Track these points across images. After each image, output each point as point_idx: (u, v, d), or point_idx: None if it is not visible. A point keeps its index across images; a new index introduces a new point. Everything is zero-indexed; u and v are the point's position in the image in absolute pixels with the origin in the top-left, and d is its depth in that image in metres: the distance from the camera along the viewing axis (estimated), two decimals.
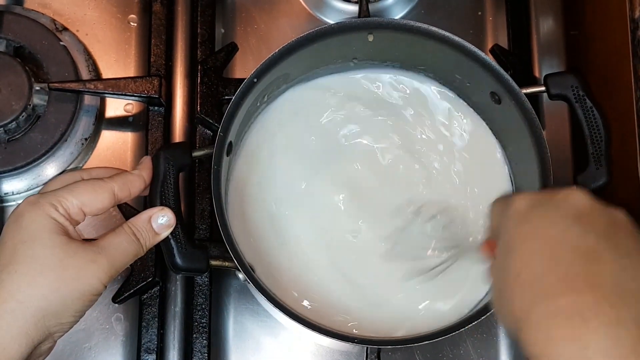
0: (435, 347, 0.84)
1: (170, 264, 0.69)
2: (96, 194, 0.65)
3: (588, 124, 0.74)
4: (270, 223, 0.79)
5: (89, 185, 0.65)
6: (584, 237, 0.52)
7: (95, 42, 0.91)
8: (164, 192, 0.69)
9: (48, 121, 0.84)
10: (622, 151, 0.78)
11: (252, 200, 0.79)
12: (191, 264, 0.69)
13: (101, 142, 0.88)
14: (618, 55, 0.78)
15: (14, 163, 0.83)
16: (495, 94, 0.77)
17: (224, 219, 0.71)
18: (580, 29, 0.91)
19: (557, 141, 0.89)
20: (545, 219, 0.54)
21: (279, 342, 0.85)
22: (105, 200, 0.65)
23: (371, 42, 0.78)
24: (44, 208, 0.62)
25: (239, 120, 0.75)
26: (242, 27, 0.93)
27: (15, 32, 0.86)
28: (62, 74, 0.85)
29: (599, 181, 0.74)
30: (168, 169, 0.69)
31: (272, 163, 0.81)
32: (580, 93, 0.75)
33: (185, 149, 0.72)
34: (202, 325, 0.82)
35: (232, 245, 0.70)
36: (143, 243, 0.66)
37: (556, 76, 0.76)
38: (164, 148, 0.70)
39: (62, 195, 0.63)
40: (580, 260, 0.51)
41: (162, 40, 0.88)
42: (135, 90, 0.83)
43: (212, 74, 0.85)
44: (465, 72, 0.78)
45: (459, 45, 0.76)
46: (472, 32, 0.94)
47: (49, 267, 0.60)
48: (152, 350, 0.80)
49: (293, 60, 0.76)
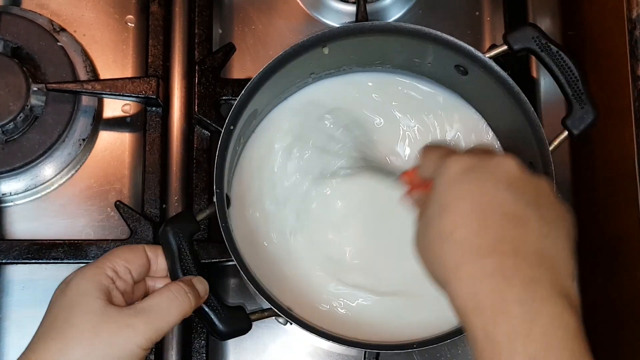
0: (435, 349, 0.84)
1: (213, 332, 0.68)
2: (133, 252, 0.66)
3: (560, 69, 0.74)
4: (283, 255, 0.79)
5: (125, 246, 0.67)
6: (514, 204, 0.56)
7: (92, 43, 0.91)
8: (183, 265, 0.67)
9: (46, 122, 0.84)
10: (619, 150, 0.79)
11: (260, 246, 0.79)
12: (235, 327, 0.68)
13: (99, 143, 0.88)
14: (615, 55, 0.79)
15: (12, 164, 0.83)
16: (460, 66, 0.77)
17: (248, 273, 0.70)
18: (578, 30, 0.91)
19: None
20: (479, 183, 0.57)
21: (277, 343, 0.85)
22: (142, 256, 0.66)
23: (327, 54, 0.77)
24: (90, 272, 0.62)
25: (226, 171, 0.74)
26: (240, 27, 0.93)
27: (13, 32, 0.85)
28: (60, 74, 0.85)
29: (587, 120, 0.73)
30: (179, 242, 0.67)
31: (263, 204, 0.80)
32: (543, 41, 0.74)
33: (189, 217, 0.70)
34: (200, 325, 0.81)
35: (268, 297, 0.69)
36: (192, 298, 0.64)
37: (515, 32, 0.75)
38: (169, 222, 0.68)
39: (106, 258, 0.64)
40: (508, 225, 0.55)
41: (159, 41, 0.88)
42: (133, 90, 0.83)
43: (210, 74, 0.85)
44: (423, 54, 0.78)
45: (411, 31, 0.75)
46: (470, 32, 0.94)
47: (82, 334, 0.59)
48: (151, 350, 0.80)
49: (260, 94, 0.75)
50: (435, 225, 0.57)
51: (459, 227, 0.55)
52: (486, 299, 0.52)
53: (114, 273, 0.63)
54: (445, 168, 0.59)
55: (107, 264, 0.63)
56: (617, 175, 0.81)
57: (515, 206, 0.56)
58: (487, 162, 0.58)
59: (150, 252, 0.67)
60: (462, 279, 0.54)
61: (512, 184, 0.57)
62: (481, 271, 0.53)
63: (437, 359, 0.85)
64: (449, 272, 0.55)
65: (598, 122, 0.74)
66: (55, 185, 0.86)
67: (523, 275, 0.53)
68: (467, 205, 0.56)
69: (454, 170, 0.58)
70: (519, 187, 0.57)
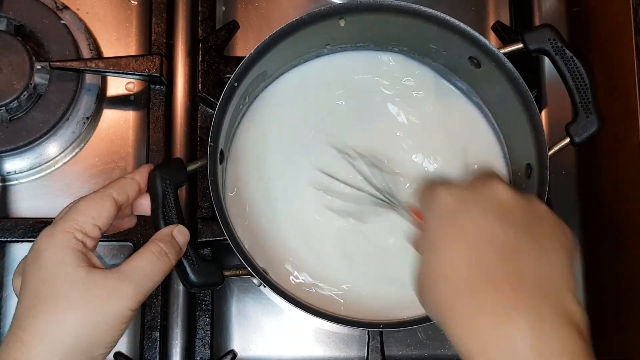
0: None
1: (184, 281, 0.69)
2: (98, 204, 0.64)
3: (571, 74, 0.73)
4: (271, 221, 0.79)
5: (90, 198, 0.65)
6: (505, 233, 0.55)
7: (95, 21, 0.90)
8: (165, 212, 0.68)
9: (49, 100, 0.84)
10: (625, 129, 0.78)
11: (250, 203, 0.79)
12: (206, 279, 0.69)
13: (103, 121, 0.88)
14: (620, 32, 0.78)
15: (16, 142, 0.83)
16: (474, 58, 0.77)
17: (229, 229, 0.70)
18: (583, 6, 0.90)
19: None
20: (469, 218, 0.57)
21: (280, 323, 0.86)
22: (109, 207, 0.65)
23: (343, 26, 0.77)
24: (60, 239, 0.61)
25: (225, 127, 0.74)
26: (243, 5, 0.93)
27: (16, 11, 0.85)
28: (63, 52, 0.85)
29: (591, 130, 0.73)
30: (166, 188, 0.68)
31: (261, 163, 0.80)
32: (559, 44, 0.74)
33: (180, 165, 0.70)
34: (205, 303, 0.82)
35: (242, 254, 0.70)
36: (172, 257, 0.65)
37: (532, 32, 0.75)
38: (158, 168, 0.69)
39: (72, 218, 0.63)
40: (501, 257, 0.54)
41: (162, 19, 0.87)
42: (137, 68, 0.83)
43: (213, 52, 0.85)
44: (440, 41, 0.78)
45: (431, 16, 0.75)
46: (474, 9, 0.93)
47: (71, 304, 0.59)
48: (156, 327, 0.80)
49: (269, 57, 0.75)
50: (427, 263, 0.57)
51: (452, 265, 0.55)
52: (489, 336, 0.51)
53: (83, 235, 0.62)
54: (434, 203, 0.59)
55: (74, 226, 0.62)
56: (621, 152, 0.81)
57: (507, 236, 0.55)
58: (475, 193, 0.58)
59: (119, 195, 0.66)
60: (460, 317, 0.53)
61: (503, 213, 0.56)
62: (479, 308, 0.52)
63: (440, 334, 0.85)
64: (446, 311, 0.54)
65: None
66: (60, 163, 0.87)
67: (524, 306, 0.52)
68: (457, 242, 0.56)
69: (441, 206, 0.59)
70: (509, 215, 0.56)
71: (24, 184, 0.86)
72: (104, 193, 0.65)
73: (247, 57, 0.73)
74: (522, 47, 0.75)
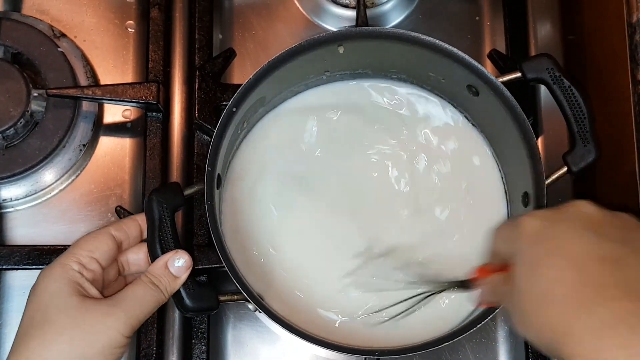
0: (435, 352, 0.84)
1: (179, 306, 0.69)
2: (96, 239, 0.67)
3: (569, 103, 0.74)
4: (267, 247, 0.79)
5: (88, 234, 0.68)
6: (603, 246, 0.53)
7: (93, 48, 0.91)
8: (162, 236, 0.68)
9: (46, 127, 0.84)
10: (621, 156, 0.78)
11: (246, 230, 0.79)
12: (202, 304, 0.69)
13: (99, 148, 0.88)
14: (615, 59, 0.79)
15: (12, 169, 0.83)
16: (472, 87, 0.77)
17: (225, 253, 0.70)
18: (578, 34, 0.91)
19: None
20: (563, 235, 0.54)
21: (276, 350, 0.85)
22: (106, 240, 0.67)
23: (342, 53, 0.77)
24: (56, 270, 0.64)
25: (223, 152, 0.74)
26: (240, 32, 0.93)
27: (13, 38, 0.86)
28: (60, 80, 0.85)
29: (588, 159, 0.73)
30: (162, 212, 0.69)
31: (257, 190, 0.80)
32: (557, 74, 0.74)
33: (177, 189, 0.71)
34: (201, 330, 0.81)
35: (238, 279, 0.69)
36: (163, 289, 0.66)
37: (530, 61, 0.75)
38: (155, 191, 0.70)
39: (70, 252, 0.66)
40: (607, 269, 0.51)
41: (159, 46, 0.88)
42: (133, 96, 0.83)
43: (210, 79, 0.85)
44: (439, 69, 0.78)
45: (429, 44, 0.75)
46: (470, 37, 0.94)
47: (61, 329, 0.60)
48: (152, 355, 0.80)
49: (268, 82, 0.75)
50: (529, 291, 0.54)
51: (556, 282, 0.52)
52: (619, 354, 0.48)
53: (79, 266, 0.65)
54: (520, 231, 0.56)
55: (71, 259, 0.65)
56: (617, 177, 0.81)
57: (605, 248, 0.53)
58: (561, 213, 0.56)
59: (117, 232, 0.69)
60: (580, 336, 0.50)
61: (594, 226, 0.54)
62: (599, 323, 0.49)
63: None
64: (561, 333, 0.51)
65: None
66: (56, 190, 0.86)
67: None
68: (557, 260, 0.53)
69: (530, 230, 0.56)
70: (601, 228, 0.54)
71: (20, 211, 0.86)
72: (101, 229, 0.69)
73: (246, 82, 0.74)
74: (520, 76, 0.75)
